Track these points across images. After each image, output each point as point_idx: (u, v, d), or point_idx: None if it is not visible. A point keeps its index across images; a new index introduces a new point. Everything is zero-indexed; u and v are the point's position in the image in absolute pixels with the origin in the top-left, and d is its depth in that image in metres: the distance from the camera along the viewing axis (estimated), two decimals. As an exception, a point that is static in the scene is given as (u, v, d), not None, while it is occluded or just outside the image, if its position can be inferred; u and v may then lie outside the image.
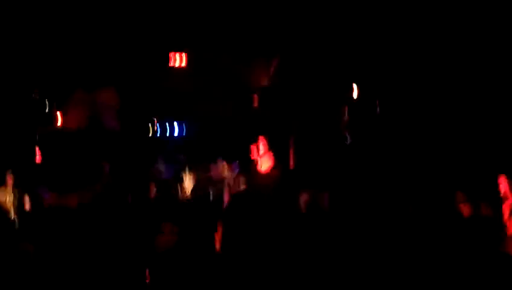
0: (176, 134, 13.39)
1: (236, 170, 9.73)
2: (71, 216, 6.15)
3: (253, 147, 10.31)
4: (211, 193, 9.04)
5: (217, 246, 3.41)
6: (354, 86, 9.53)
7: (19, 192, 7.55)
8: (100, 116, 9.65)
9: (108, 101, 9.70)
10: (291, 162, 10.76)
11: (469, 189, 5.98)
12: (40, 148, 10.32)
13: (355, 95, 9.68)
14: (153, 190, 8.62)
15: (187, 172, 10.51)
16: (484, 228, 4.71)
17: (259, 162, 10.31)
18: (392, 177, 8.44)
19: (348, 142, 10.10)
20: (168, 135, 13.12)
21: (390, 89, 9.13)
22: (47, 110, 10.16)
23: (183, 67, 9.03)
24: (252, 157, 9.93)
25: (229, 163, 9.92)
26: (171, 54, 9.25)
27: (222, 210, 6.63)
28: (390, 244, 4.39)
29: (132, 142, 8.08)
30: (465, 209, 5.43)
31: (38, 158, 10.30)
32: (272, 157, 10.24)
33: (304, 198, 5.91)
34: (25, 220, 6.81)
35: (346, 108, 9.84)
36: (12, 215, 7.40)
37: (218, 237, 3.45)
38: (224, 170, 9.59)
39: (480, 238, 4.41)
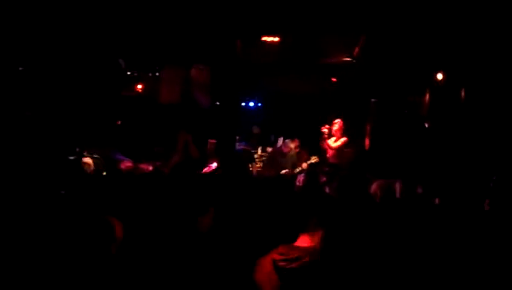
0: (251, 105, 13.49)
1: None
2: (146, 183, 6.31)
3: (327, 126, 10.24)
4: (282, 169, 9.11)
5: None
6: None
7: (99, 156, 7.82)
8: (192, 92, 9.85)
9: (200, 78, 9.88)
10: (367, 143, 10.60)
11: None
12: (121, 115, 10.72)
13: (439, 79, 9.34)
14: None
15: (260, 145, 10.61)
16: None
17: (330, 140, 10.25)
18: (470, 169, 8.15)
19: (428, 127, 9.82)
20: (244, 105, 13.23)
21: (478, 75, 8.73)
22: (130, 79, 10.49)
23: (274, 42, 8.97)
24: (324, 135, 9.89)
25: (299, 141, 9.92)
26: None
27: (294, 189, 6.62)
28: (464, 239, 4.24)
29: (221, 118, 8.17)
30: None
31: (118, 123, 10.70)
32: (345, 137, 10.14)
33: (378, 185, 5.76)
34: (104, 184, 7.05)
35: (429, 92, 9.52)
36: (92, 177, 7.70)
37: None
38: (294, 147, 9.61)
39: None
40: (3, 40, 7.95)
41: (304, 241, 3.47)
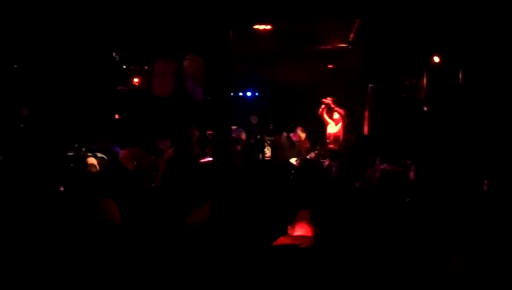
0: (248, 94, 13.46)
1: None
2: (145, 176, 6.28)
3: (323, 110, 10.24)
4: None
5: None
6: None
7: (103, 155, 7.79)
8: (185, 85, 9.79)
9: (194, 70, 9.82)
10: (366, 129, 10.55)
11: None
12: (119, 109, 10.68)
13: (436, 61, 9.27)
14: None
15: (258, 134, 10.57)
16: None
17: (329, 125, 10.25)
18: (469, 150, 8.12)
19: (427, 110, 9.77)
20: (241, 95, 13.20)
21: (476, 57, 8.67)
22: (124, 73, 10.42)
23: (267, 30, 8.92)
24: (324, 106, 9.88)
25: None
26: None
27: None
28: (463, 220, 4.23)
29: (214, 110, 8.10)
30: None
31: (116, 116, 10.67)
32: (344, 120, 10.13)
33: (379, 168, 5.75)
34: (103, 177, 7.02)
35: (427, 75, 9.46)
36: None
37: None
38: (303, 136, 9.64)
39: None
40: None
41: (302, 229, 3.46)
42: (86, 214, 3.17)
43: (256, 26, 8.67)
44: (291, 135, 9.87)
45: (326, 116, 10.25)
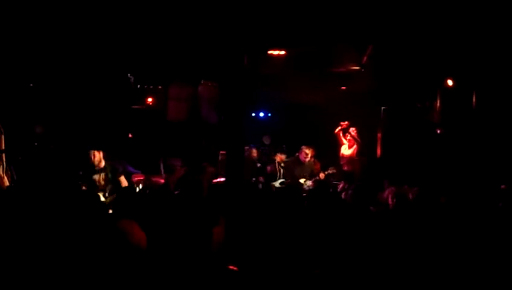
0: (261, 115, 13.48)
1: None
2: (157, 196, 6.29)
3: (339, 131, 10.26)
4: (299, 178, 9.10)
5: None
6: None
7: (111, 167, 7.81)
8: (200, 109, 9.85)
9: (208, 94, 9.89)
10: (378, 151, 10.55)
11: None
12: (132, 128, 10.75)
13: (450, 84, 9.27)
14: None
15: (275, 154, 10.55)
16: None
17: (343, 146, 10.25)
18: (484, 172, 8.08)
19: (440, 133, 9.75)
20: (253, 115, 13.22)
21: (489, 79, 8.66)
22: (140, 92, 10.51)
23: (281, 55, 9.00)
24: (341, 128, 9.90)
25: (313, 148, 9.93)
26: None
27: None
28: (478, 242, 4.18)
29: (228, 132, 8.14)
30: None
31: (129, 135, 10.74)
32: (358, 144, 10.10)
33: (390, 192, 5.72)
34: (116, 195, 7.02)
35: (440, 98, 9.45)
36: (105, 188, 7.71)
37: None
38: (310, 153, 9.57)
39: None
40: (15, 56, 8.03)
41: None
42: (105, 237, 3.03)
43: (270, 52, 8.74)
44: (298, 155, 9.84)
45: (342, 137, 10.29)
